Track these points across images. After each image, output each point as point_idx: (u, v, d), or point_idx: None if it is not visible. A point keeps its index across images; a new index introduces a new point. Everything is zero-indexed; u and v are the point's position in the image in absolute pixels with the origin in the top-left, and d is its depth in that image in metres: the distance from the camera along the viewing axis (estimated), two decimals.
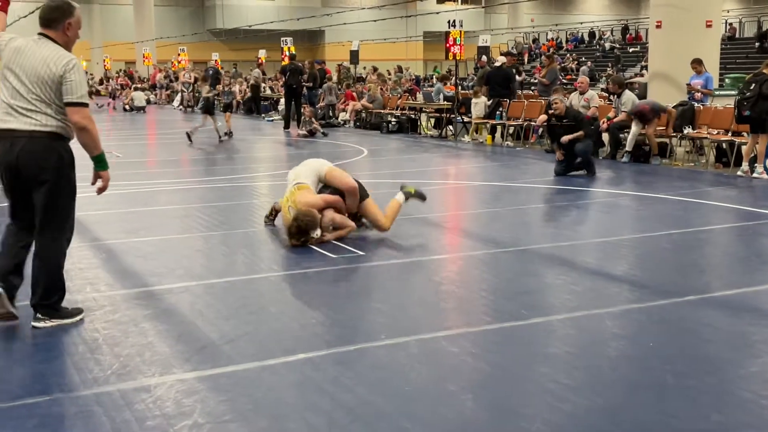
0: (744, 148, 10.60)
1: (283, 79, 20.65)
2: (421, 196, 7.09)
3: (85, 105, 4.30)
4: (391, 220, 6.76)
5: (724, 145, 11.53)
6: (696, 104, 12.48)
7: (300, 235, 6.22)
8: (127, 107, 28.38)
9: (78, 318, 4.50)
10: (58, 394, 3.49)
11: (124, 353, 3.99)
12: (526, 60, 38.98)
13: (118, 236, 6.83)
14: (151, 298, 4.99)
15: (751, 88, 10.00)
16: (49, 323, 4.37)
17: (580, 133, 10.49)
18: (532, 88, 18.16)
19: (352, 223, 6.65)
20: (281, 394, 3.49)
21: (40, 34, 4.36)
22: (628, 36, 39.75)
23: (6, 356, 3.97)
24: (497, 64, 17.42)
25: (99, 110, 28.91)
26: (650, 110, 11.92)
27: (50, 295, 4.39)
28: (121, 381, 3.64)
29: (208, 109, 16.75)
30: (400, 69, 28.41)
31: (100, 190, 4.55)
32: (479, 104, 16.03)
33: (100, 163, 4.43)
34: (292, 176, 6.89)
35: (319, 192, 6.74)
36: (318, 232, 6.33)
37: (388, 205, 6.86)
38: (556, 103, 10.79)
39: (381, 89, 21.44)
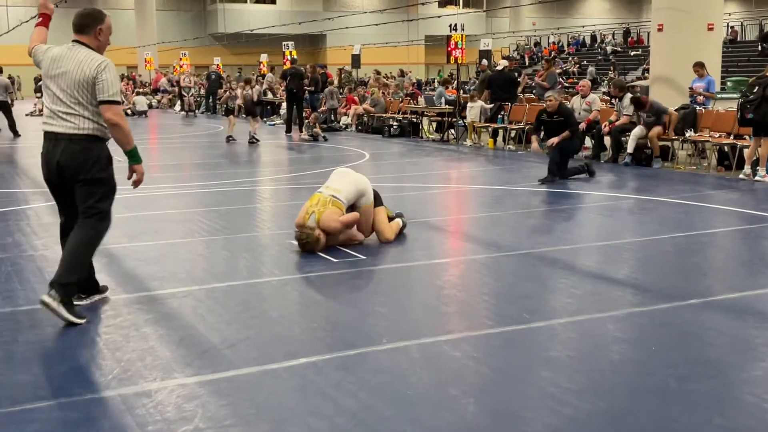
0: (746, 152, 10.59)
1: (284, 83, 20.67)
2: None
3: (117, 102, 4.57)
4: (394, 234, 6.73)
5: (726, 149, 11.52)
6: (698, 107, 12.47)
7: (300, 247, 6.26)
8: (129, 111, 28.38)
9: (80, 321, 4.50)
10: (59, 399, 3.48)
11: (125, 358, 3.99)
12: (527, 62, 38.99)
13: (119, 240, 6.82)
14: (153, 302, 4.99)
15: (755, 91, 9.99)
16: (54, 303, 4.40)
17: (566, 134, 10.50)
18: (533, 91, 18.13)
19: (361, 236, 6.61)
20: (283, 398, 3.49)
21: (73, 41, 4.66)
22: (629, 39, 39.76)
23: (7, 361, 3.96)
24: (499, 67, 17.43)
25: None
26: (650, 105, 11.90)
27: (70, 275, 4.51)
28: (122, 386, 3.63)
29: (250, 111, 17.65)
30: (402, 73, 28.41)
31: (136, 184, 4.79)
32: (475, 108, 16.03)
33: (133, 157, 4.71)
34: (335, 181, 6.57)
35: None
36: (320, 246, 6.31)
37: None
38: (550, 99, 10.86)
39: (383, 93, 21.45)
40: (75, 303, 4.62)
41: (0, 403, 3.43)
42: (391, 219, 6.84)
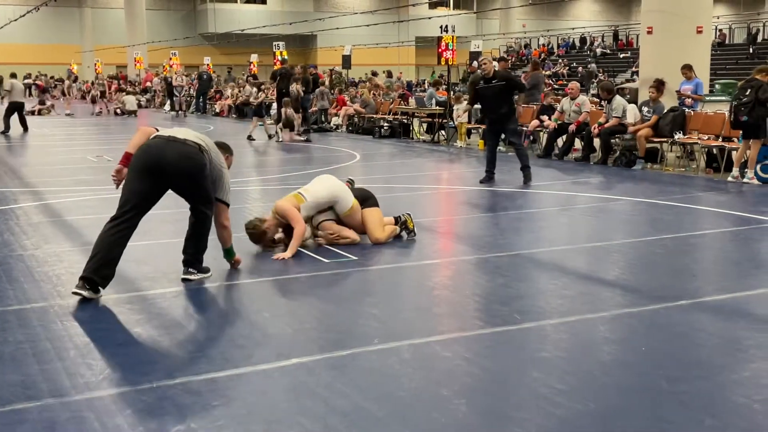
0: (735, 154, 10.65)
1: (275, 83, 20.63)
2: (412, 232, 6.94)
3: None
4: (387, 236, 6.71)
5: (714, 151, 11.58)
6: (687, 110, 12.53)
7: (248, 236, 6.45)
8: (118, 111, 28.25)
9: (209, 274, 5.54)
10: (49, 400, 3.47)
11: (116, 358, 3.98)
12: (511, 62, 39.04)
13: None
14: (144, 302, 4.98)
15: (747, 93, 10.05)
16: (196, 276, 5.44)
17: (522, 96, 10.25)
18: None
19: (354, 236, 6.58)
20: (275, 398, 3.48)
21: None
22: (619, 42, 39.93)
23: None
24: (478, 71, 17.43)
25: (91, 117, 28.82)
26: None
27: (200, 254, 5.49)
28: (113, 386, 3.62)
29: (257, 113, 18.39)
30: (389, 74, 28.38)
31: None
32: (460, 109, 16.05)
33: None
34: (311, 183, 6.69)
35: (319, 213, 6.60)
36: (308, 231, 6.42)
37: (387, 222, 6.81)
38: (484, 62, 10.41)
39: (373, 94, 21.45)
40: (186, 278, 5.45)
41: None
42: (397, 223, 6.82)
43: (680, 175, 11.45)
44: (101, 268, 4.93)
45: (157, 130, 5.40)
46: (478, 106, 12.31)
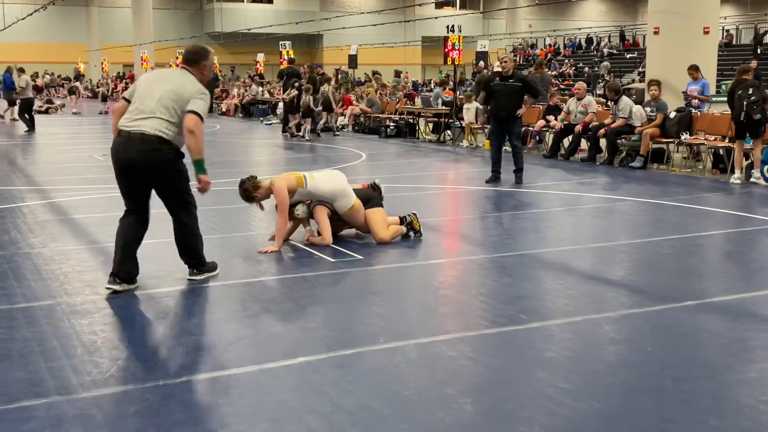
0: (735, 156, 10.59)
1: (281, 83, 20.67)
2: (418, 232, 6.93)
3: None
4: (391, 236, 6.72)
5: (721, 151, 11.56)
6: (693, 110, 12.51)
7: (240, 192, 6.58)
8: None
9: (216, 272, 5.55)
10: (56, 397, 3.49)
11: (122, 356, 4.00)
12: (519, 60, 39.03)
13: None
14: (150, 301, 4.99)
15: (750, 92, 10.02)
16: (200, 276, 5.44)
17: (530, 100, 10.28)
18: None
19: (328, 239, 6.56)
20: (281, 397, 3.50)
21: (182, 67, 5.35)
22: (625, 42, 39.85)
23: (4, 359, 3.96)
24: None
25: (98, 115, 28.87)
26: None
27: (197, 254, 5.44)
28: (119, 383, 3.64)
29: (306, 114, 18.20)
30: (397, 74, 28.40)
31: (202, 191, 5.33)
32: (471, 109, 16.05)
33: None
34: (318, 172, 6.82)
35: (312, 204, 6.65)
36: (302, 210, 6.53)
37: (392, 222, 6.82)
38: (505, 60, 10.44)
39: (380, 94, 21.45)
40: (191, 278, 5.45)
41: None
42: (403, 223, 6.83)
43: (686, 175, 11.44)
44: (123, 263, 5.10)
45: (128, 102, 5.19)
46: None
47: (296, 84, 19.11)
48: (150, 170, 5.05)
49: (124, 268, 5.10)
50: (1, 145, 16.45)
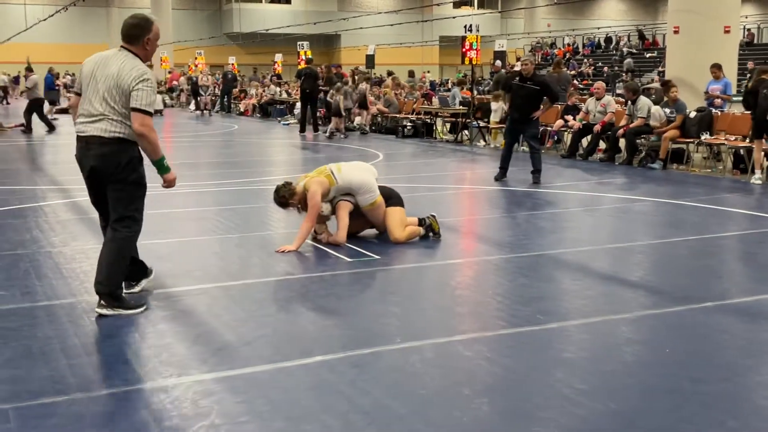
0: (755, 156, 10.50)
1: (299, 83, 20.73)
2: (437, 234, 6.92)
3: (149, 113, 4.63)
4: (408, 237, 6.72)
5: (741, 152, 11.47)
6: (714, 110, 12.42)
7: (275, 197, 6.60)
8: None
9: (139, 310, 4.70)
10: (77, 394, 3.53)
11: (142, 354, 4.03)
12: (538, 59, 38.91)
13: None
14: (169, 299, 5.04)
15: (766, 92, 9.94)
16: (109, 311, 4.62)
17: (548, 104, 10.39)
18: None
19: (343, 239, 6.55)
20: (297, 395, 3.52)
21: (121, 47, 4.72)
22: (645, 42, 39.60)
23: (26, 356, 4.02)
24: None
25: None
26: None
27: (111, 281, 4.66)
28: (139, 381, 3.67)
29: (337, 113, 18.76)
30: (411, 74, 28.34)
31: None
32: (498, 110, 16.00)
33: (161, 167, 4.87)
34: (345, 164, 6.90)
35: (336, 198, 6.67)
36: (326, 208, 6.55)
37: (411, 222, 6.82)
38: (525, 63, 10.53)
39: (396, 94, 21.45)
40: (127, 291, 4.92)
41: (20, 397, 3.49)
42: (422, 224, 6.84)
43: (706, 176, 11.36)
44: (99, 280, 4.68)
45: (78, 95, 4.79)
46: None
47: (337, 85, 19.35)
48: (108, 174, 4.66)
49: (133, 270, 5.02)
50: (22, 145, 16.61)
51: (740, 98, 16.19)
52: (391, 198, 6.79)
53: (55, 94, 24.55)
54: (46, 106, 24.59)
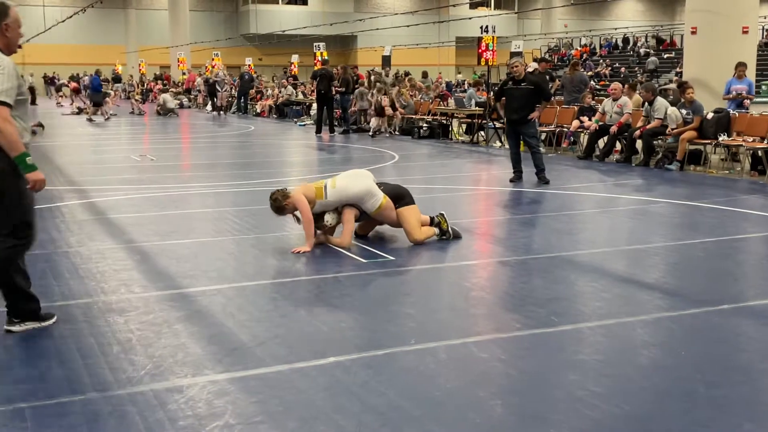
0: None
1: (315, 84, 20.79)
2: (456, 236, 6.91)
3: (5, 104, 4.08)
4: (425, 237, 6.72)
5: (759, 153, 11.38)
6: (735, 111, 12.30)
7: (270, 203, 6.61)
8: (159, 111, 28.27)
9: (48, 323, 4.44)
10: (92, 394, 3.55)
11: (157, 354, 4.06)
12: (555, 61, 38.75)
13: (151, 239, 6.93)
14: (184, 299, 5.06)
15: None
16: (16, 328, 4.36)
17: (544, 106, 10.42)
18: (556, 96, 17.88)
19: (347, 242, 6.53)
20: (311, 396, 3.53)
21: None
22: (664, 43, 39.35)
23: (42, 356, 4.05)
24: (530, 69, 17.34)
25: (133, 116, 29.17)
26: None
27: (6, 297, 4.35)
28: (154, 381, 3.69)
29: (379, 113, 19.31)
30: (424, 75, 28.23)
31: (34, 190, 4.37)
32: None
33: (22, 164, 4.20)
34: (341, 175, 6.79)
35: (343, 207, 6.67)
36: (331, 218, 6.56)
37: (424, 221, 6.82)
38: (515, 65, 10.55)
39: (411, 95, 21.42)
40: (6, 327, 4.37)
41: (35, 396, 3.52)
42: (432, 223, 6.83)
43: (724, 177, 11.27)
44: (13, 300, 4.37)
45: None
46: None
47: (378, 85, 19.55)
48: None
49: (18, 305, 4.39)
50: (38, 146, 16.76)
51: (761, 99, 16.06)
52: (404, 197, 6.77)
53: (99, 96, 24.69)
54: (90, 108, 24.84)
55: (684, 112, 12.13)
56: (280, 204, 6.51)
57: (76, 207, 8.68)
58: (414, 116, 19.80)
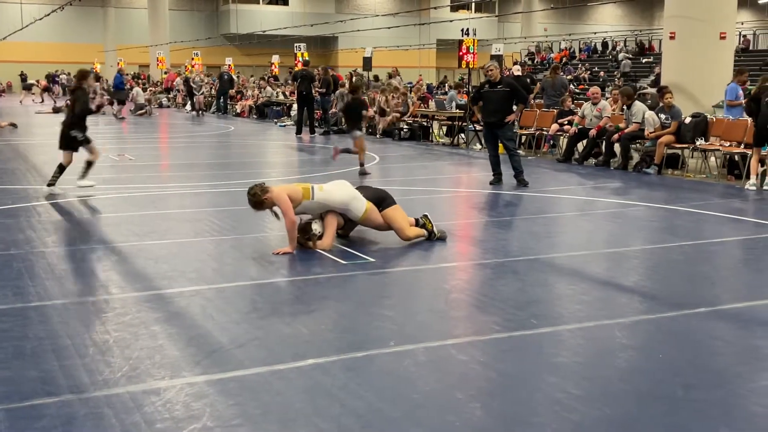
0: (752, 162, 10.49)
1: (295, 85, 20.74)
2: (441, 236, 6.92)
3: None
4: (415, 235, 6.75)
5: (736, 158, 11.49)
6: (740, 117, 12.37)
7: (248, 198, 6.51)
8: (132, 109, 27.81)
9: None
10: (68, 396, 3.51)
11: (135, 356, 4.02)
12: (534, 63, 38.94)
13: (129, 239, 6.86)
14: (162, 301, 5.02)
15: None
16: None
17: (521, 107, 10.51)
18: (535, 99, 17.96)
19: (328, 244, 6.50)
20: (290, 399, 3.51)
21: None
22: (644, 48, 39.64)
23: (17, 357, 4.00)
24: (516, 73, 17.42)
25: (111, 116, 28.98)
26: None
27: None
28: (131, 383, 3.66)
29: (384, 113, 19.20)
30: (392, 75, 27.99)
31: None
32: None
33: None
34: (328, 183, 6.78)
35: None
36: (317, 227, 6.51)
37: (411, 222, 6.84)
38: (490, 69, 10.65)
39: (391, 96, 21.41)
40: None
41: (9, 398, 3.47)
42: (417, 225, 6.85)
43: (701, 181, 11.37)
44: None
45: None
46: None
47: (382, 88, 19.61)
48: None
49: None
50: (15, 144, 16.57)
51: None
52: (385, 199, 6.79)
53: (123, 94, 24.35)
54: (115, 106, 24.52)
55: (663, 116, 12.23)
56: (259, 199, 6.43)
57: (52, 206, 8.59)
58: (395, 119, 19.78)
